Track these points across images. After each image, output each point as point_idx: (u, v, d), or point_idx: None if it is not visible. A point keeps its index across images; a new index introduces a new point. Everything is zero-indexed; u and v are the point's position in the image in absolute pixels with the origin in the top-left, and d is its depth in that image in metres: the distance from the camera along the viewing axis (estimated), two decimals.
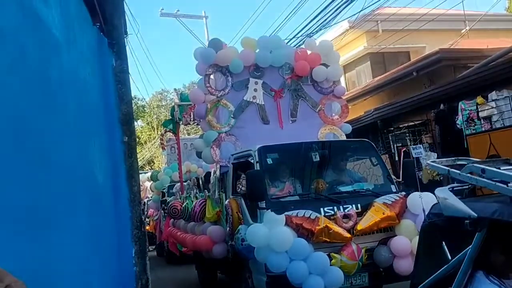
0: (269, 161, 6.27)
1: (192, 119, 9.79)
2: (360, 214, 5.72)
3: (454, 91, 10.32)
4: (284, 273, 5.29)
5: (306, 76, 8.24)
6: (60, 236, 2.60)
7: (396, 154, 11.81)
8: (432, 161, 3.05)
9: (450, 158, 3.11)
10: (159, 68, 74.79)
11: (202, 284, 9.23)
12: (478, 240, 2.31)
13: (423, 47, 16.64)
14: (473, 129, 9.53)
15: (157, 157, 37.60)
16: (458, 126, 9.94)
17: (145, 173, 23.73)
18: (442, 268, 2.55)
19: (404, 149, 11.48)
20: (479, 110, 9.49)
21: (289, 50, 8.27)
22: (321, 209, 5.67)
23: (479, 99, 9.48)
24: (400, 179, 6.80)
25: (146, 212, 17.69)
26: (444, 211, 2.54)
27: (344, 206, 5.76)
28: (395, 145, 12.10)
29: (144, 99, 42.98)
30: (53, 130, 2.66)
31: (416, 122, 12.01)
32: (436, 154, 10.88)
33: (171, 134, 11.66)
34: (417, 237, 5.56)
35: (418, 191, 6.20)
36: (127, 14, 6.41)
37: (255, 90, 7.94)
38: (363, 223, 5.60)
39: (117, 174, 5.56)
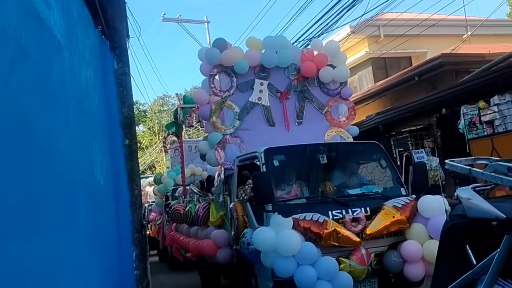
0: (276, 163, 6.11)
1: (195, 121, 9.66)
2: (369, 218, 5.56)
3: (456, 95, 10.33)
4: (291, 278, 5.13)
5: (312, 77, 8.10)
6: (60, 238, 2.57)
7: (398, 159, 11.73)
8: (450, 161, 2.90)
9: (470, 158, 2.96)
10: (160, 73, 75.09)
11: None
12: (507, 243, 2.15)
13: (425, 52, 16.79)
14: (475, 134, 9.54)
15: (159, 162, 37.79)
16: (460, 130, 9.92)
17: (146, 177, 23.69)
18: (466, 274, 2.39)
19: (406, 153, 11.39)
20: (481, 114, 9.48)
21: (295, 51, 8.13)
22: (329, 212, 5.51)
23: (481, 104, 9.47)
24: (404, 183, 6.63)
25: (147, 217, 17.63)
26: (468, 212, 2.39)
27: (353, 209, 5.60)
28: (397, 150, 12.06)
29: (146, 103, 43.06)
30: (54, 132, 2.65)
31: (418, 127, 12.01)
32: (438, 158, 10.83)
33: (174, 137, 11.53)
34: (429, 241, 5.46)
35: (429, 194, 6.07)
36: (129, 17, 6.37)
37: (261, 91, 7.80)
38: (373, 227, 5.43)
39: (118, 177, 5.59)
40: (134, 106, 6.95)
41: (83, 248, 3.18)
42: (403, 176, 7.79)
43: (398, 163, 11.50)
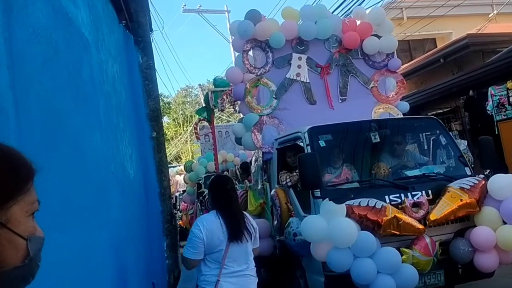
0: (322, 143, 5.65)
1: (228, 105, 9.24)
2: (432, 202, 5.07)
3: (483, 76, 10.35)
4: (346, 272, 4.68)
5: (356, 49, 7.58)
6: (96, 231, 2.70)
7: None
8: None
9: None
10: (183, 64, 76.17)
11: None
12: None
13: (450, 33, 16.73)
14: (504, 115, 9.63)
15: (184, 152, 39.26)
16: (489, 112, 9.98)
17: (173, 167, 23.74)
18: None
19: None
20: (510, 95, 9.53)
21: (336, 20, 7.58)
22: (386, 197, 5.06)
23: (510, 84, 9.60)
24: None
25: (178, 206, 17.45)
26: None
27: (413, 193, 5.12)
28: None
29: (170, 95, 43.84)
30: (86, 128, 2.76)
31: (445, 110, 12.02)
32: (466, 141, 10.64)
33: (205, 122, 11.19)
34: (503, 227, 4.91)
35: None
36: (151, 11, 6.51)
37: (299, 66, 7.31)
38: (437, 212, 4.92)
39: (147, 169, 5.87)
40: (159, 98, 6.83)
41: (117, 239, 3.31)
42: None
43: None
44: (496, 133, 9.16)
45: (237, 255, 3.50)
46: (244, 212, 3.90)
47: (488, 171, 6.27)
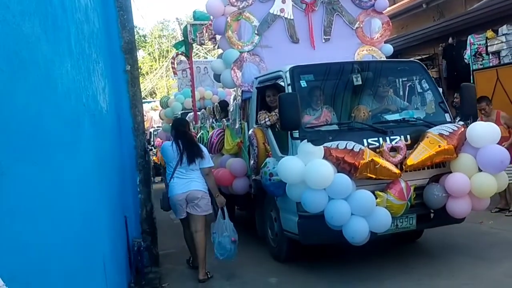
0: (303, 83, 5.59)
1: (207, 39, 9.00)
2: (410, 147, 5.12)
3: (464, 24, 10.50)
4: (320, 213, 4.76)
5: None
6: (66, 162, 2.67)
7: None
8: None
9: None
10: None
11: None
12: None
13: None
14: (481, 64, 9.79)
15: (159, 88, 38.71)
16: (466, 61, 10.11)
17: (148, 102, 23.43)
18: None
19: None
20: (488, 44, 9.63)
21: None
22: (364, 140, 5.09)
23: (489, 33, 9.62)
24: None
25: (152, 142, 17.37)
26: None
27: (391, 137, 5.16)
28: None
29: (145, 28, 42.68)
30: (56, 57, 2.66)
31: (423, 56, 12.00)
32: (441, 89, 10.60)
33: (183, 57, 10.93)
34: (478, 174, 5.02)
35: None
36: None
37: (283, 1, 7.06)
38: (414, 157, 4.99)
39: (121, 104, 5.86)
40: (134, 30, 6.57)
41: (88, 171, 3.31)
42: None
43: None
44: (472, 82, 9.17)
45: (184, 168, 5.54)
46: (197, 143, 5.99)
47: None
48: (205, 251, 5.56)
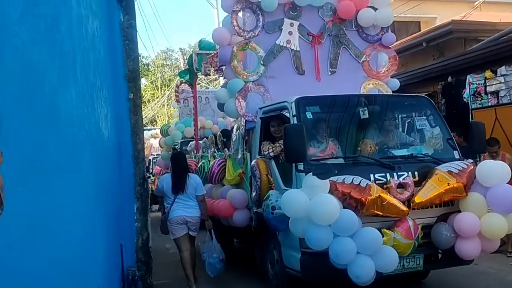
0: (309, 115, 5.52)
1: (212, 69, 9.01)
2: (418, 184, 5.01)
3: (463, 64, 10.57)
4: (324, 250, 4.61)
5: (350, 20, 7.36)
6: (65, 187, 2.70)
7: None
8: None
9: None
10: (165, 26, 75.21)
11: None
12: None
13: (434, 18, 16.85)
14: (480, 104, 9.82)
15: (160, 116, 39.19)
16: (465, 99, 10.21)
17: (148, 130, 23.47)
18: None
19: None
20: (487, 84, 9.69)
21: None
22: (371, 175, 4.97)
23: (488, 73, 9.65)
24: None
25: (151, 170, 17.26)
26: None
27: (399, 173, 5.05)
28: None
29: (149, 57, 43.51)
30: (61, 84, 2.70)
31: (423, 94, 11.96)
32: None
33: (187, 85, 10.95)
34: (488, 215, 4.89)
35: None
36: None
37: (290, 33, 7.08)
38: (423, 195, 4.88)
39: (122, 131, 5.88)
40: None
41: (86, 198, 3.38)
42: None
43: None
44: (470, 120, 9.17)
45: (182, 196, 6.34)
46: (190, 174, 6.62)
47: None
48: (192, 266, 6.43)
